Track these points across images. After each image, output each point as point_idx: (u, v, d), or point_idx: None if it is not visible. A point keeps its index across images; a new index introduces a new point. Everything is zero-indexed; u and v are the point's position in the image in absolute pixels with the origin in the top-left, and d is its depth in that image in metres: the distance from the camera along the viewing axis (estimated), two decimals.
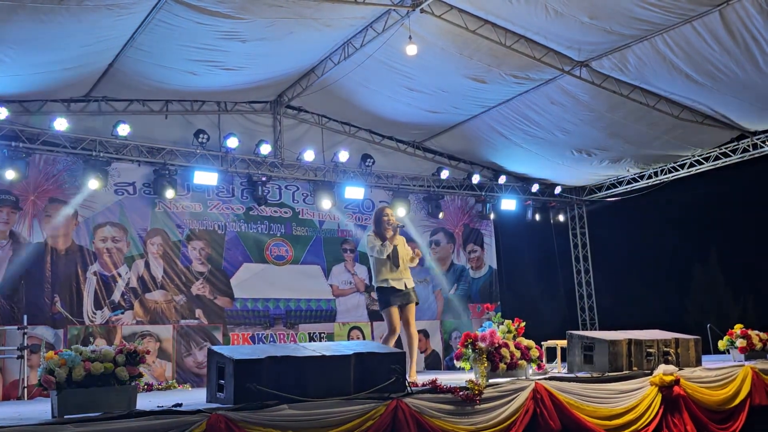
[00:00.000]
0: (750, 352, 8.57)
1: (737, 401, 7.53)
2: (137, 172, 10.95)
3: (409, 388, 5.60)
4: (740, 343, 8.59)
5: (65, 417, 4.52)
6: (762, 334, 8.79)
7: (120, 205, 10.76)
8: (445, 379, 6.17)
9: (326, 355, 5.43)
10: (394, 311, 7.23)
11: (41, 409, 5.52)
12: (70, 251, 10.31)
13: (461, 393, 5.75)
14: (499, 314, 7.03)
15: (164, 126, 11.16)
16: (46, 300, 9.95)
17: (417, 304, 7.48)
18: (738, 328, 8.76)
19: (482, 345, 6.18)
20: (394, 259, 7.29)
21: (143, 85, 10.29)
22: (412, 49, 8.94)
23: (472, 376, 6.17)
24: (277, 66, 10.51)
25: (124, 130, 10.34)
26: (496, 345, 6.28)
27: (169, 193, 10.82)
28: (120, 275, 10.60)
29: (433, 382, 5.82)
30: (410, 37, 8.88)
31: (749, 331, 8.71)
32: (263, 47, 9.49)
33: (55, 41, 8.27)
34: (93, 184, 10.28)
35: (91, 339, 10.05)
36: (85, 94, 10.39)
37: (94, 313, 10.28)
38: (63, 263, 10.20)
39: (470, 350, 6.22)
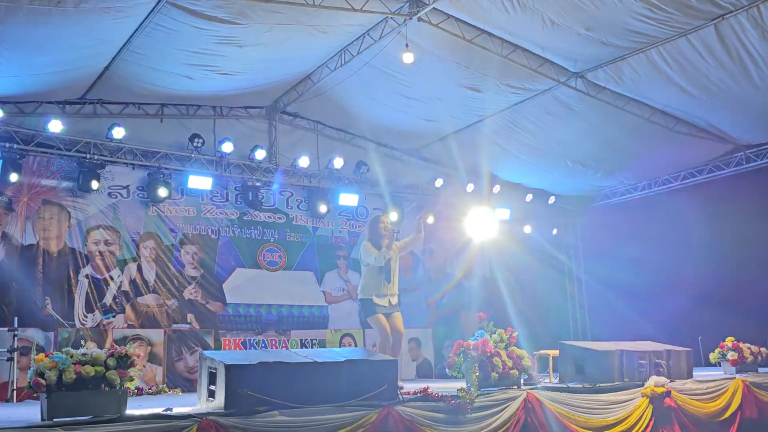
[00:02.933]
0: (741, 365, 8.57)
1: (728, 414, 7.55)
2: (131, 175, 10.92)
3: (400, 396, 5.59)
4: (731, 355, 8.60)
5: (55, 420, 4.49)
6: (753, 347, 8.80)
7: (113, 208, 10.73)
8: (437, 387, 6.17)
9: (318, 362, 5.43)
10: (381, 318, 7.34)
11: (30, 411, 5.48)
12: (63, 254, 10.27)
13: (453, 401, 5.74)
14: (492, 323, 7.03)
15: (159, 130, 11.16)
16: (37, 302, 9.90)
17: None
18: (729, 341, 8.77)
19: (474, 354, 6.18)
20: (387, 273, 7.36)
21: (139, 88, 10.28)
22: (408, 58, 8.96)
23: (463, 384, 6.16)
24: (274, 72, 10.52)
25: (119, 133, 10.33)
26: (489, 354, 6.29)
27: (162, 195, 10.78)
28: (112, 278, 10.56)
29: (425, 390, 5.82)
30: (407, 46, 8.89)
31: (740, 344, 8.72)
32: (260, 53, 9.50)
33: (52, 43, 8.25)
34: (94, 184, 10.24)
35: (82, 342, 9.84)
36: (80, 96, 10.36)
37: (86, 316, 10.24)
38: (55, 265, 10.15)
39: (462, 359, 6.22)
